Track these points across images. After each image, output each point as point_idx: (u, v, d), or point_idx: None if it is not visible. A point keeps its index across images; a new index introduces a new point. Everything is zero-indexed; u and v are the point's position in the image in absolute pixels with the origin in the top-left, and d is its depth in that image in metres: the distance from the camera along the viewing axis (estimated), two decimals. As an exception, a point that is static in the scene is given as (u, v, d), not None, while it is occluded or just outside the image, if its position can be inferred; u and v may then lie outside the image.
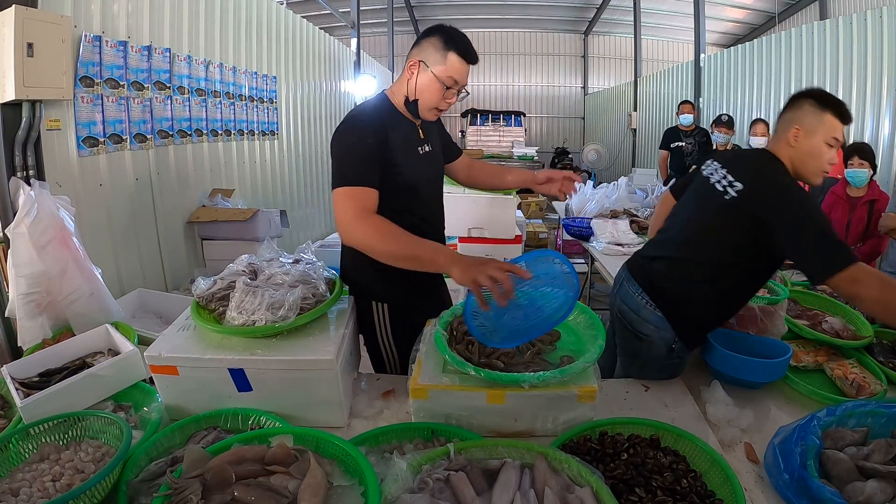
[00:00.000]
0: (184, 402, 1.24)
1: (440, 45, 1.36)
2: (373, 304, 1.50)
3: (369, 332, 1.53)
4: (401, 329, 1.51)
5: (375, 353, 1.57)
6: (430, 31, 1.40)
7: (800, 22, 9.21)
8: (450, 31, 1.38)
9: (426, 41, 1.38)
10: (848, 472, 1.01)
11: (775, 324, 1.58)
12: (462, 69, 1.38)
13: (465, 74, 1.40)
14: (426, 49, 1.38)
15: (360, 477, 0.89)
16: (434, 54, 1.36)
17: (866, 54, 3.95)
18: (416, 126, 1.50)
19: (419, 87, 1.39)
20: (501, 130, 10.73)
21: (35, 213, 1.77)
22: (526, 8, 11.63)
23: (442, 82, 1.37)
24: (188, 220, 3.19)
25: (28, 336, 1.77)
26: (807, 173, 1.39)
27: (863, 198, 2.62)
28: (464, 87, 1.42)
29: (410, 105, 1.42)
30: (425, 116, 1.45)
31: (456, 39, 1.37)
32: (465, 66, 1.38)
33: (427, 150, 1.52)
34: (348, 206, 1.28)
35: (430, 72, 1.37)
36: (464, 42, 1.38)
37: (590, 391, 1.13)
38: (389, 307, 1.50)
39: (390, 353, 1.55)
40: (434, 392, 1.14)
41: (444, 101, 1.41)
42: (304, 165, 5.19)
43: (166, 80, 2.96)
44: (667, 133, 5.10)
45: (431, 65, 1.37)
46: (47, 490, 0.95)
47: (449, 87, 1.39)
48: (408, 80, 1.40)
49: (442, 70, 1.36)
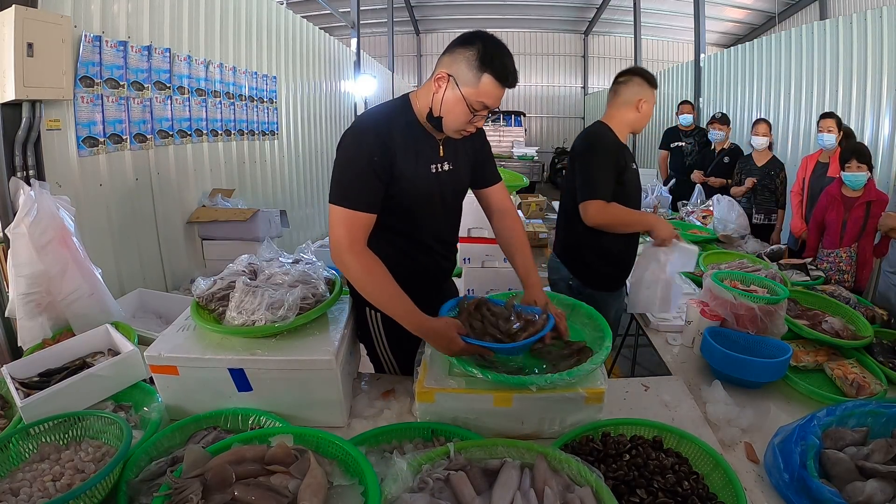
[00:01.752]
0: (184, 402, 1.24)
1: (475, 62, 1.17)
2: (367, 311, 1.44)
3: (366, 337, 1.50)
4: (394, 336, 1.45)
5: (374, 357, 1.55)
6: (468, 40, 1.20)
7: (800, 22, 9.22)
8: (490, 45, 1.18)
9: (460, 53, 1.19)
10: (848, 472, 1.01)
11: (775, 324, 1.58)
12: (496, 94, 1.20)
13: (499, 99, 1.22)
14: (459, 63, 1.19)
15: (360, 477, 0.89)
16: (467, 72, 1.18)
17: (866, 54, 3.95)
18: (436, 142, 1.34)
19: (445, 105, 1.22)
20: (501, 130, 10.74)
21: (35, 213, 1.77)
22: (526, 8, 11.65)
23: (470, 106, 1.20)
24: (188, 220, 3.19)
25: (28, 336, 1.77)
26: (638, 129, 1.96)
27: (859, 198, 2.61)
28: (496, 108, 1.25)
29: (433, 120, 1.26)
30: (449, 134, 1.30)
31: (494, 59, 1.17)
32: (500, 90, 1.20)
33: (444, 169, 1.36)
34: (343, 234, 1.20)
35: (458, 91, 1.19)
36: (502, 62, 1.18)
37: (597, 393, 1.13)
38: (382, 315, 1.42)
39: (387, 357, 1.51)
40: (441, 395, 1.14)
41: (472, 124, 1.26)
42: (304, 165, 5.19)
43: (166, 80, 2.96)
44: (667, 133, 5.10)
45: (462, 84, 1.19)
46: (47, 490, 0.95)
47: (476, 112, 1.22)
48: (434, 94, 1.23)
49: (473, 93, 1.19)
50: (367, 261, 1.21)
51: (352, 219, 1.21)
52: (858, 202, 2.61)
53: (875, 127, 3.89)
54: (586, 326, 1.36)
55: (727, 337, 1.56)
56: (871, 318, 1.82)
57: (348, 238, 1.20)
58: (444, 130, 1.28)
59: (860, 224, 2.60)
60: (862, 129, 3.99)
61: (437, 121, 1.26)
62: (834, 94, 4.27)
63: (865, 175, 2.57)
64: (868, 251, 2.64)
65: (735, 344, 1.53)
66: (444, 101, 1.22)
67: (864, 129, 3.97)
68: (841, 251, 2.65)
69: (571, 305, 1.44)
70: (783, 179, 3.51)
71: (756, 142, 3.55)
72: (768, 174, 3.50)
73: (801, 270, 2.36)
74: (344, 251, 1.20)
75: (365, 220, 1.23)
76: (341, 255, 1.20)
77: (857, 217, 2.61)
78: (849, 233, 2.64)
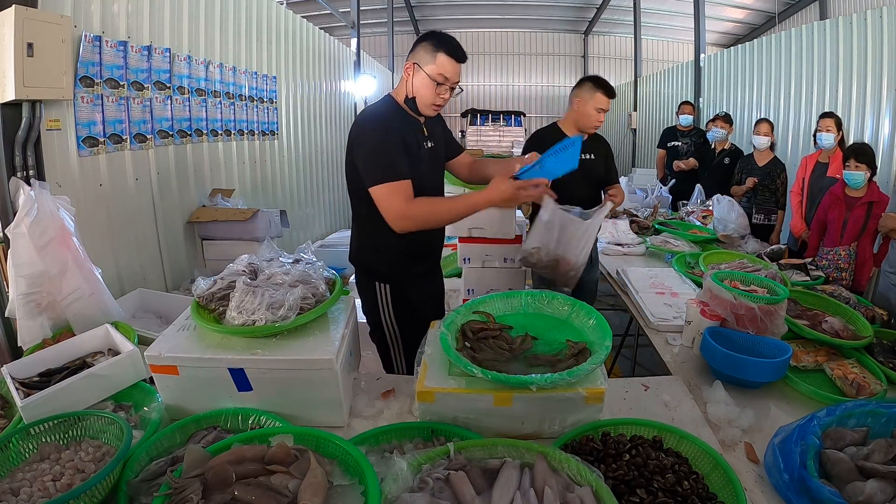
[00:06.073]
0: (184, 402, 1.24)
1: (430, 47, 1.52)
2: (376, 284, 1.69)
3: (372, 310, 1.72)
4: (400, 306, 1.71)
5: (378, 330, 1.74)
6: (423, 37, 1.57)
7: (800, 22, 9.22)
8: (439, 34, 1.55)
9: (419, 46, 1.55)
10: (848, 472, 1.01)
11: (775, 324, 1.58)
12: (451, 67, 1.53)
13: (456, 73, 1.55)
14: (419, 52, 1.54)
15: (360, 476, 0.89)
16: (425, 56, 1.53)
17: (866, 54, 3.95)
18: (420, 123, 1.65)
19: (415, 86, 1.55)
20: (501, 130, 10.73)
21: (35, 213, 1.76)
22: (526, 8, 11.63)
23: (433, 79, 1.52)
24: (188, 220, 3.19)
25: (28, 336, 1.77)
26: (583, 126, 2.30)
27: (861, 199, 2.61)
28: (456, 83, 1.57)
29: (410, 102, 1.58)
30: (425, 112, 1.60)
31: (444, 41, 1.53)
32: (454, 64, 1.53)
33: (430, 147, 1.66)
34: (395, 201, 1.47)
35: (423, 71, 1.53)
36: (451, 43, 1.53)
37: (597, 393, 1.13)
38: (391, 287, 1.69)
39: (391, 328, 1.72)
40: (441, 395, 1.14)
41: (439, 96, 1.56)
42: (304, 165, 5.19)
43: (166, 80, 2.96)
44: (665, 132, 5.12)
45: (424, 65, 1.53)
46: (48, 490, 0.95)
47: (440, 84, 1.53)
48: (406, 82, 1.57)
49: (433, 69, 1.52)
50: (422, 205, 1.51)
51: (398, 188, 1.47)
52: (860, 202, 2.62)
53: (875, 127, 3.89)
54: (586, 327, 1.36)
55: (727, 337, 1.56)
56: (871, 318, 1.82)
57: (401, 201, 1.47)
58: (419, 109, 1.58)
59: (861, 224, 2.60)
60: (862, 129, 3.99)
61: (412, 102, 1.57)
62: (834, 94, 4.27)
63: (863, 174, 2.56)
64: (868, 251, 2.64)
65: (735, 344, 1.53)
66: (413, 84, 1.55)
67: (864, 129, 3.97)
68: (840, 249, 2.65)
69: (572, 305, 1.44)
70: (784, 180, 3.51)
71: (757, 141, 3.55)
72: (769, 174, 3.50)
73: (801, 270, 2.36)
74: (404, 215, 1.47)
75: (407, 185, 1.49)
76: (403, 218, 1.48)
77: (857, 216, 2.61)
78: (849, 232, 2.64)
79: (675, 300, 2.08)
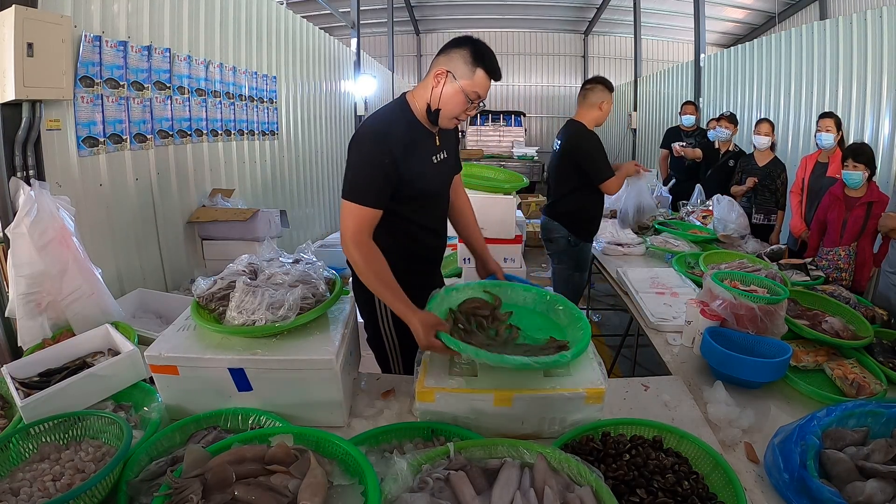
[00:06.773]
0: (184, 402, 1.24)
1: (469, 59, 1.37)
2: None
3: (371, 318, 1.61)
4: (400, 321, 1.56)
5: (377, 339, 1.64)
6: (461, 42, 1.40)
7: (800, 22, 9.21)
8: (480, 46, 1.40)
9: (456, 52, 1.39)
10: (848, 472, 1.01)
11: (775, 324, 1.58)
12: (487, 85, 1.41)
13: (488, 90, 1.44)
14: (455, 60, 1.38)
15: (360, 476, 0.89)
16: (462, 67, 1.37)
17: (866, 54, 3.95)
18: (433, 135, 1.52)
19: (444, 98, 1.40)
20: (501, 130, 10.72)
21: (35, 213, 1.77)
22: (526, 8, 11.62)
23: (467, 95, 1.39)
24: (188, 220, 3.19)
25: (28, 336, 1.77)
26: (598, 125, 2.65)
27: (861, 199, 2.61)
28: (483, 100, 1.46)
29: (431, 114, 1.44)
30: (444, 125, 1.48)
31: (485, 56, 1.38)
32: (489, 82, 1.41)
33: (442, 158, 1.55)
34: (350, 225, 1.37)
35: (457, 84, 1.38)
36: (492, 59, 1.40)
37: (597, 392, 1.13)
38: None
39: (390, 337, 1.62)
40: (441, 395, 1.14)
41: (465, 112, 1.44)
42: (304, 165, 5.18)
43: (166, 80, 2.96)
44: (668, 132, 5.11)
45: (459, 77, 1.38)
46: (48, 490, 0.95)
47: (472, 101, 1.41)
48: (433, 88, 1.40)
49: (469, 84, 1.38)
50: (368, 251, 1.38)
51: (359, 213, 1.37)
52: (860, 202, 2.61)
53: (875, 127, 3.88)
54: (568, 325, 1.38)
55: (727, 337, 1.56)
56: (871, 318, 1.82)
57: (355, 229, 1.37)
58: (439, 122, 1.46)
59: (860, 224, 2.60)
60: (862, 129, 3.99)
61: (435, 114, 1.43)
62: (834, 94, 4.27)
63: (862, 174, 2.56)
64: (867, 251, 2.64)
65: (735, 344, 1.53)
66: (442, 95, 1.40)
67: (864, 129, 3.96)
68: (840, 250, 2.65)
69: (553, 300, 1.47)
70: (784, 180, 3.51)
71: (758, 141, 3.54)
72: (769, 174, 3.50)
73: (801, 270, 2.36)
74: (349, 241, 1.37)
75: (370, 215, 1.38)
76: (347, 243, 1.37)
77: (857, 216, 2.61)
78: (848, 232, 2.64)
79: (675, 300, 2.09)
